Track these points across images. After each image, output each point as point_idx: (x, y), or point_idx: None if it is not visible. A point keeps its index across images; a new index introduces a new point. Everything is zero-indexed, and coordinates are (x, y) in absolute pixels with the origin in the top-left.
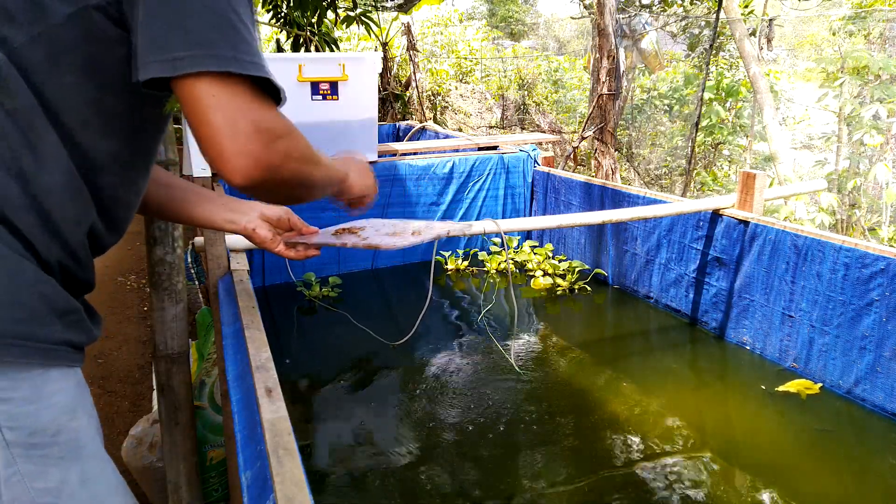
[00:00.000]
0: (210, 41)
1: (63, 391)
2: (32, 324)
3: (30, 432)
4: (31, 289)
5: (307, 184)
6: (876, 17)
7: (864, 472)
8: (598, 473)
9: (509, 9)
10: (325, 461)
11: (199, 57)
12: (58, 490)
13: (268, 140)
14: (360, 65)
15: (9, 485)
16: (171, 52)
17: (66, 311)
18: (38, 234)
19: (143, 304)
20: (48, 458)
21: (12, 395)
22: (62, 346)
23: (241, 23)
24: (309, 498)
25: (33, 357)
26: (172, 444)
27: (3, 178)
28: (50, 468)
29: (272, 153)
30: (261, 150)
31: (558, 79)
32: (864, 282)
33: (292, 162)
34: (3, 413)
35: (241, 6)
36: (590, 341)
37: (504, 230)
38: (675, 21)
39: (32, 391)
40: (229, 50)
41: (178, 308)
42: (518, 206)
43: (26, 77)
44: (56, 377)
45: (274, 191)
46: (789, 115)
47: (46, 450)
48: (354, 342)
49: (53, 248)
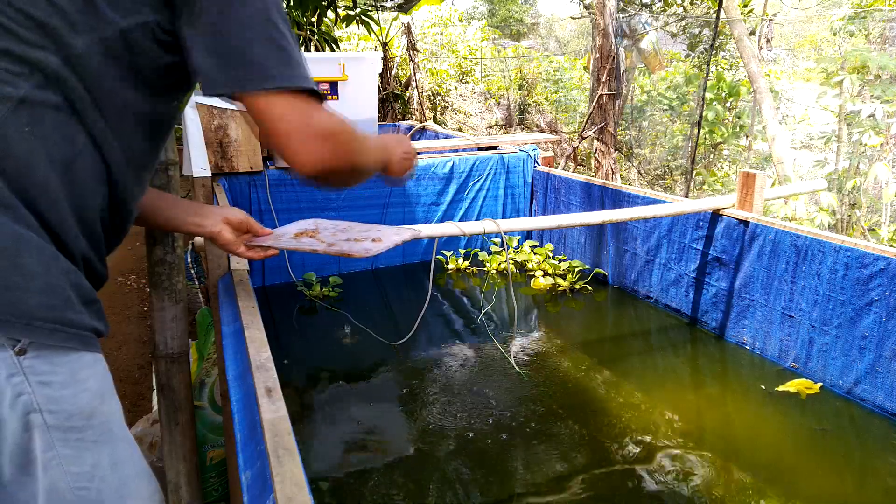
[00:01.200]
0: (268, 66)
1: (95, 376)
2: (68, 310)
3: (68, 415)
4: (66, 277)
5: (360, 169)
6: (876, 17)
7: (864, 471)
8: (597, 473)
9: (509, 9)
10: (325, 461)
11: (258, 78)
12: (90, 475)
13: (327, 138)
14: (360, 65)
15: (47, 469)
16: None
17: (91, 301)
18: (69, 227)
19: (143, 304)
20: (83, 442)
21: (52, 378)
22: (91, 333)
23: (285, 40)
24: (309, 498)
25: (72, 342)
26: (172, 444)
27: (46, 170)
28: (84, 452)
29: (333, 149)
30: (323, 149)
31: (558, 79)
32: (864, 282)
33: (351, 154)
34: (44, 396)
35: (282, 23)
36: (590, 341)
37: (504, 230)
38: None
39: (69, 375)
40: (284, 69)
41: (178, 308)
42: (518, 206)
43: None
44: (89, 362)
45: (337, 178)
46: (789, 114)
47: (82, 433)
48: (355, 342)
49: (79, 240)
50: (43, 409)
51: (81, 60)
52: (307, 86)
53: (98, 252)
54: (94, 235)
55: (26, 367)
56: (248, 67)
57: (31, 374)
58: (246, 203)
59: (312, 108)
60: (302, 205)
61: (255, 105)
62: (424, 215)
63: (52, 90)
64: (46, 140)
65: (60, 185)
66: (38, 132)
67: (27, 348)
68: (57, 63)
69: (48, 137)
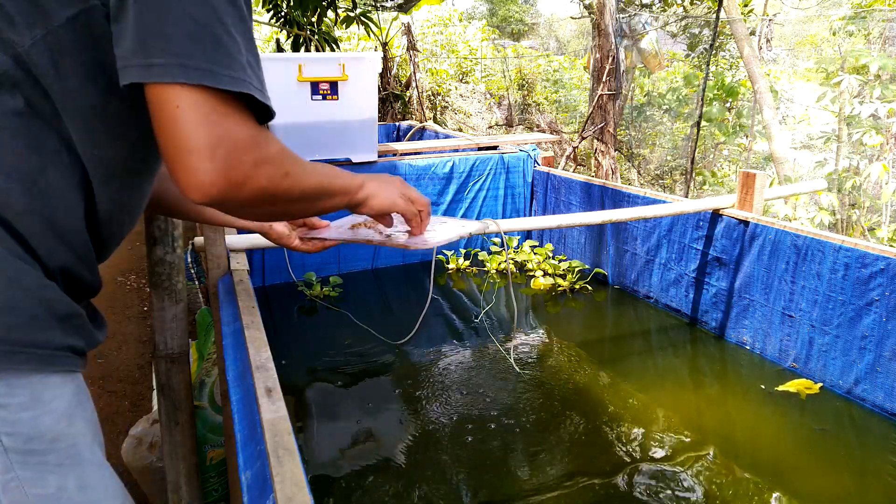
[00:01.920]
0: (186, 52)
1: (61, 397)
2: (32, 330)
3: (27, 438)
4: (31, 293)
5: (287, 199)
6: (876, 17)
7: (864, 471)
8: (597, 473)
9: (509, 9)
10: (325, 461)
11: (171, 66)
12: (56, 497)
13: (229, 157)
14: (360, 65)
15: (7, 490)
16: (149, 57)
17: (67, 316)
18: (41, 239)
19: (143, 304)
20: (46, 465)
21: (10, 401)
22: (62, 352)
23: (226, 34)
24: (309, 498)
25: (32, 364)
26: (172, 444)
27: (5, 182)
28: (48, 475)
29: (234, 171)
30: (220, 169)
31: (558, 79)
32: (864, 282)
33: (261, 179)
34: (1, 420)
35: (230, 16)
36: (590, 341)
37: (504, 230)
38: (675, 21)
39: (30, 398)
40: (205, 62)
41: (178, 308)
42: (518, 206)
43: (34, 80)
44: (55, 383)
45: (245, 208)
46: (789, 114)
47: (44, 456)
48: (355, 342)
49: (56, 252)
50: (1, 432)
51: (32, 58)
52: (238, 89)
53: (82, 261)
54: (79, 245)
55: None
56: (163, 52)
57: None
58: None
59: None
60: None
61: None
62: None
63: (8, 94)
64: (6, 150)
65: (24, 196)
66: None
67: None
68: (9, 63)
69: (5, 147)
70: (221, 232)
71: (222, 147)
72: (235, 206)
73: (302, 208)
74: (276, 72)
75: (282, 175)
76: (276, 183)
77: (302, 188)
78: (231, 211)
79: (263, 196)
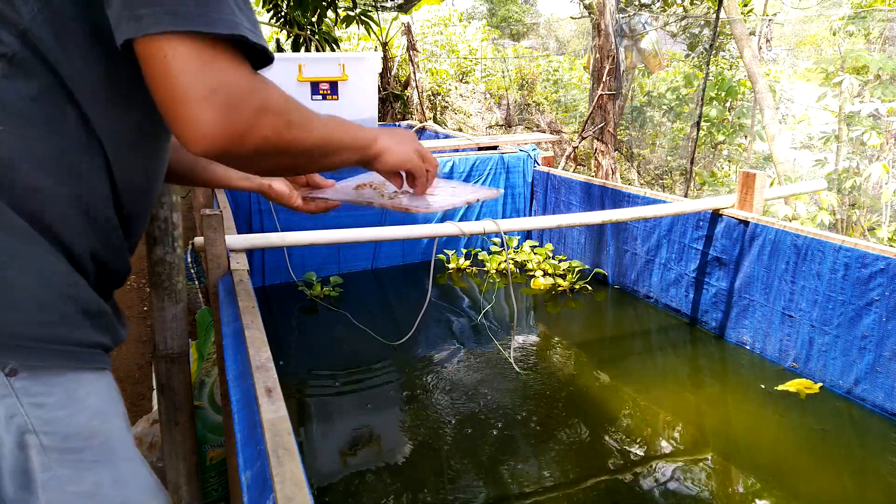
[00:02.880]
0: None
1: (95, 394)
2: (65, 327)
3: (64, 437)
4: (63, 291)
5: (294, 151)
6: (876, 17)
7: (864, 471)
8: (597, 472)
9: (509, 9)
10: (325, 461)
11: (159, 14)
12: (91, 493)
13: (230, 105)
14: (360, 65)
15: (46, 489)
16: (136, 9)
17: (97, 314)
18: (70, 225)
19: (143, 303)
20: (82, 462)
21: (46, 400)
22: (95, 349)
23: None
24: (309, 498)
25: (68, 361)
26: (172, 444)
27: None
28: (84, 472)
29: (236, 120)
30: (221, 116)
31: (558, 78)
32: (864, 282)
33: (264, 129)
34: (38, 418)
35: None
36: (590, 341)
37: (504, 230)
38: (675, 21)
39: (66, 395)
40: (193, 6)
41: (178, 308)
42: (518, 206)
43: (42, 59)
44: (89, 380)
45: (249, 160)
46: (789, 114)
47: (81, 454)
48: (355, 342)
49: (84, 237)
50: (38, 431)
51: (35, 34)
52: (229, 31)
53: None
54: (106, 227)
55: (18, 388)
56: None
57: (24, 396)
58: (246, 203)
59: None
60: None
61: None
62: (424, 215)
63: (23, 78)
64: (27, 136)
65: (55, 181)
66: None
67: (19, 369)
68: (16, 44)
69: (29, 133)
70: (221, 232)
71: (220, 94)
72: (240, 159)
73: (310, 162)
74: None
75: (285, 124)
76: (280, 133)
77: (309, 140)
78: (237, 164)
79: (268, 147)
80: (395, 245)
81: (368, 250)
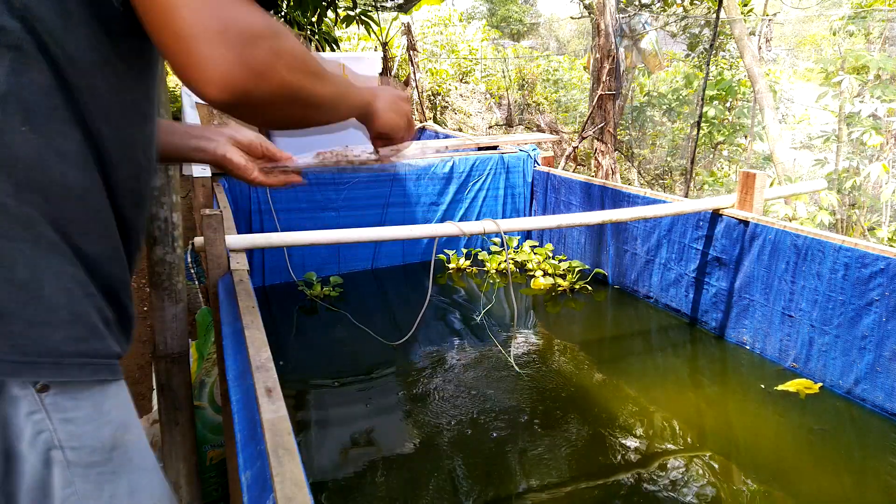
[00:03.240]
0: None
1: (119, 406)
2: (95, 339)
3: (90, 451)
4: (90, 300)
5: (307, 101)
6: (876, 17)
7: (864, 471)
8: (597, 472)
9: (509, 9)
10: (325, 461)
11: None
12: None
13: (245, 41)
14: (360, 65)
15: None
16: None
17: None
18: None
19: (143, 304)
20: (103, 475)
21: (76, 414)
22: (115, 360)
23: None
24: (309, 498)
25: (101, 374)
26: (172, 444)
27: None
28: (104, 484)
29: (253, 57)
30: (237, 54)
31: (558, 78)
32: (864, 282)
33: (282, 70)
34: (67, 433)
35: None
36: (589, 341)
37: (504, 230)
38: (675, 21)
39: (94, 409)
40: None
41: (178, 308)
42: (518, 206)
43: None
44: (113, 392)
45: (262, 108)
46: (789, 114)
47: (103, 467)
48: (355, 342)
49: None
50: (65, 446)
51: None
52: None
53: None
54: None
55: (49, 404)
56: None
57: (55, 412)
58: (246, 203)
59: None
60: (302, 204)
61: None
62: (424, 215)
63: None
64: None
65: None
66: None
67: (50, 385)
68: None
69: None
70: (221, 232)
71: (233, 30)
72: (254, 105)
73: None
74: None
75: (302, 70)
76: (298, 78)
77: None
78: (247, 112)
79: (284, 92)
80: (395, 245)
81: (368, 250)
